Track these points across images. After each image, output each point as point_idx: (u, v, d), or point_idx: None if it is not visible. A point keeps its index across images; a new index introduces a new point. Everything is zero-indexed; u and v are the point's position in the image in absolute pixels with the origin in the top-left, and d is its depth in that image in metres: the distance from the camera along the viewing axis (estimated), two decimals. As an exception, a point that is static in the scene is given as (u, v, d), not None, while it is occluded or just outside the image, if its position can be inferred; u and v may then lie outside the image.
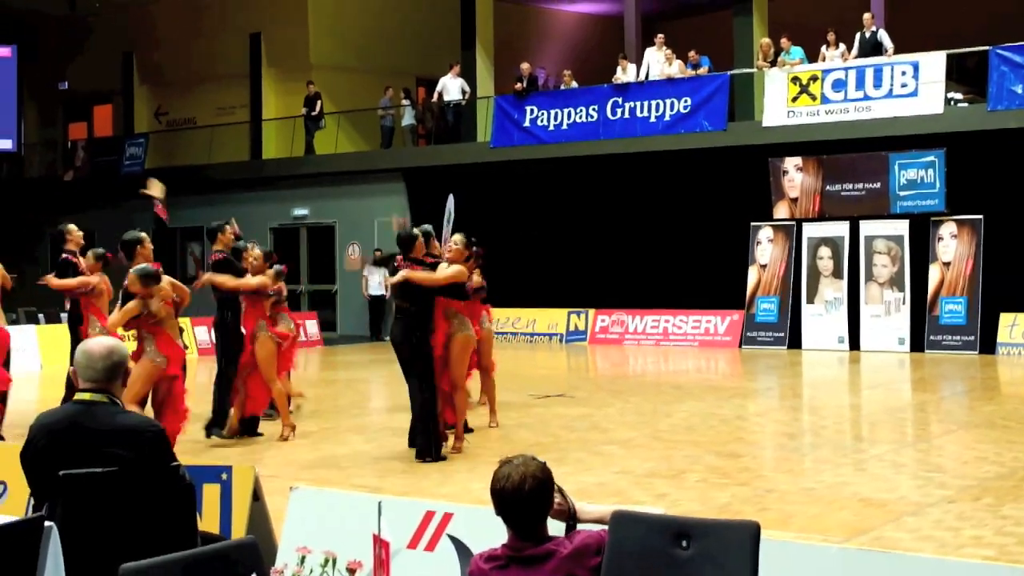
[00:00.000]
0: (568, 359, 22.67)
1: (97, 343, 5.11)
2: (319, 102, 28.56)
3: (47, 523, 4.70)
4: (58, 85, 35.17)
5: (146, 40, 32.82)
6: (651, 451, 11.41)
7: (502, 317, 25.61)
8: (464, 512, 5.69)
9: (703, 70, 23.87)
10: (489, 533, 4.63)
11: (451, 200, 26.02)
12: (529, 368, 20.91)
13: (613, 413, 14.26)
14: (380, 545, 5.18)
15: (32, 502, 5.35)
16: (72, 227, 13.31)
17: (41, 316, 24.64)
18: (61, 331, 17.08)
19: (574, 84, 25.47)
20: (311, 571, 4.86)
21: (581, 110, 24.72)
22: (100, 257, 12.77)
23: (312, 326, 25.40)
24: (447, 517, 5.62)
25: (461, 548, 5.51)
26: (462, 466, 10.68)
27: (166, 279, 10.59)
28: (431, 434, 10.90)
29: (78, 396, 5.10)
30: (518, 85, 25.53)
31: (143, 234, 11.43)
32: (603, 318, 24.62)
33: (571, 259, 24.85)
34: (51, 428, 5.10)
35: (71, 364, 5.83)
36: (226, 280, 12.30)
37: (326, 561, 4.82)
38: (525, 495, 4.01)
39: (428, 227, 11.69)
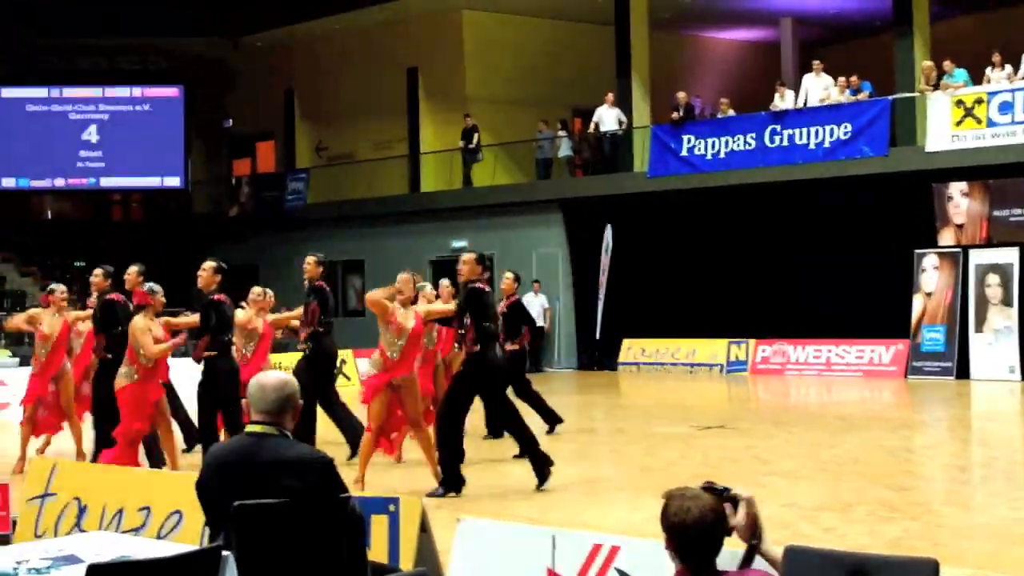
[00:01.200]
0: (729, 389, 22.42)
1: (270, 377, 5.21)
2: (476, 134, 28.82)
3: (224, 552, 4.79)
4: (222, 123, 36.11)
5: (306, 77, 33.52)
6: (816, 483, 11.20)
7: (662, 347, 25.49)
8: (631, 545, 5.64)
9: (863, 95, 23.49)
10: (656, 567, 4.60)
11: (609, 231, 26.13)
12: (690, 399, 20.75)
13: (776, 444, 14.04)
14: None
15: (208, 531, 5.46)
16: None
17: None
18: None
19: (731, 112, 25.27)
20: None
21: (739, 138, 24.51)
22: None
23: (471, 357, 25.52)
24: (614, 550, 5.59)
25: (629, 582, 5.47)
26: (623, 497, 10.61)
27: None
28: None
29: (249, 428, 5.21)
30: (675, 114, 25.43)
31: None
32: (764, 348, 24.30)
33: (731, 289, 24.57)
34: (224, 459, 5.22)
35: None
36: None
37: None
38: (704, 528, 3.97)
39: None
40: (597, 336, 26.34)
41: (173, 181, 34.11)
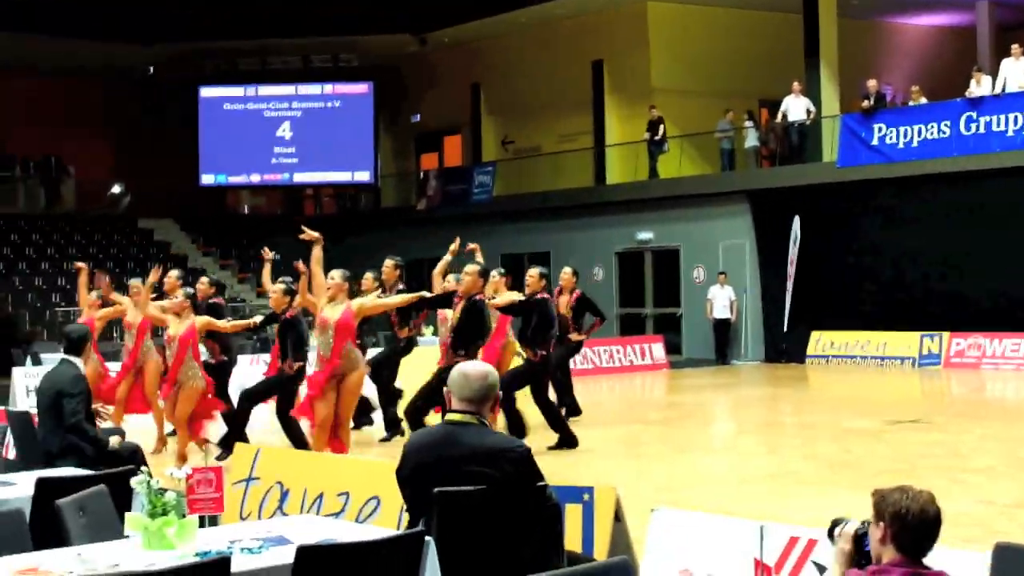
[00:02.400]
0: (921, 383, 21.91)
1: (474, 367, 5.31)
2: (662, 126, 28.69)
3: (427, 537, 4.92)
4: (410, 118, 36.70)
5: (492, 72, 33.82)
6: (1015, 480, 10.90)
7: (851, 340, 25.04)
8: (829, 538, 5.59)
9: (1065, 80, 22.69)
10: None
11: (797, 221, 25.76)
12: (881, 392, 20.34)
13: (972, 440, 13.69)
14: (763, 571, 5.16)
15: (406, 517, 5.60)
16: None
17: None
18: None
19: (923, 100, 24.66)
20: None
21: (932, 126, 23.88)
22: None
23: (658, 349, 25.45)
24: (811, 543, 5.55)
25: (826, 575, 5.43)
26: (815, 491, 10.49)
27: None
28: None
29: (449, 417, 5.31)
30: (865, 102, 24.92)
31: None
32: (959, 341, 23.63)
33: (923, 280, 23.97)
34: (423, 447, 5.34)
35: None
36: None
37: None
38: (930, 520, 3.96)
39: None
40: (785, 328, 26.01)
41: (363, 176, 34.86)
